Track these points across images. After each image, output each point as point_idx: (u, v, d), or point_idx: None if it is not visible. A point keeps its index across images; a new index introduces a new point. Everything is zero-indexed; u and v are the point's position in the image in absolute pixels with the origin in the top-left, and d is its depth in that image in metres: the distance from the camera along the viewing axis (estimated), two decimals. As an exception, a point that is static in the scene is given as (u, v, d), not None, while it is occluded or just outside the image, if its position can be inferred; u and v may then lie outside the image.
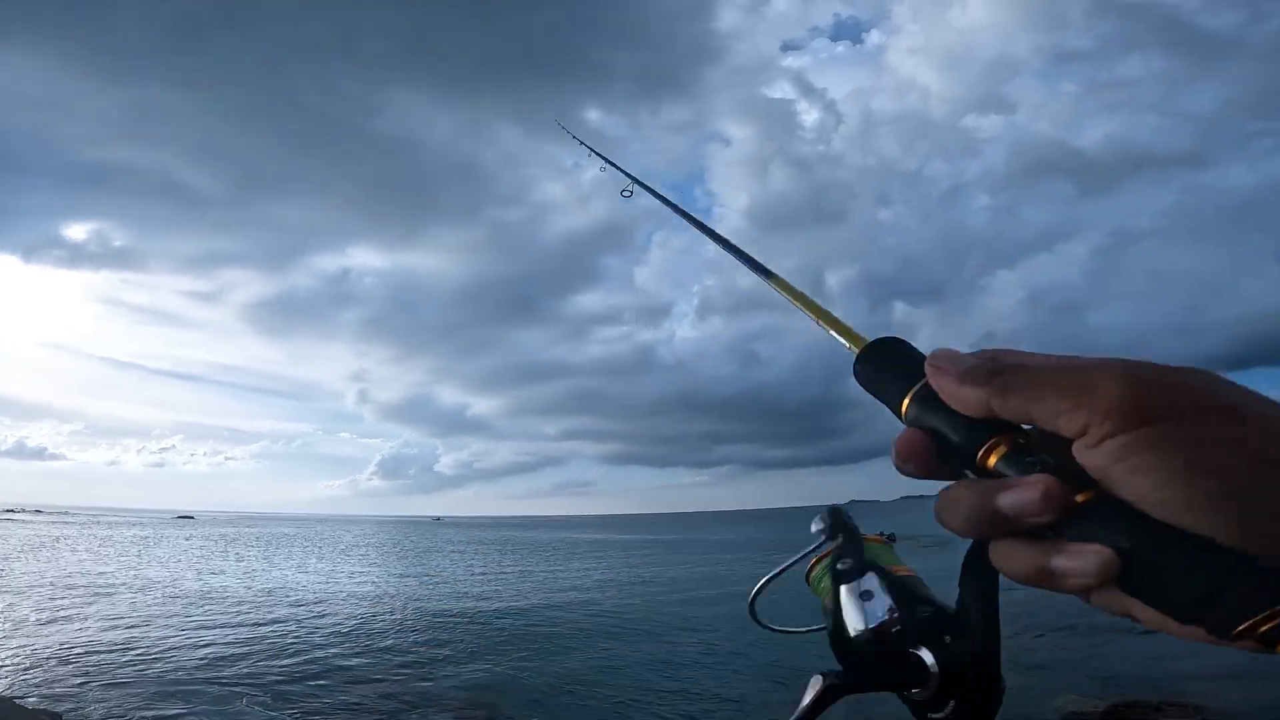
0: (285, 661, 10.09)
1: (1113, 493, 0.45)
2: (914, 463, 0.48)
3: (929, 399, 0.48)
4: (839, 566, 0.60)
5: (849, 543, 0.61)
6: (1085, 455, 0.45)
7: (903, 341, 0.53)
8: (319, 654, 10.59)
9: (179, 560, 29.81)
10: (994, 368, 0.45)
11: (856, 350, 0.54)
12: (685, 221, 1.04)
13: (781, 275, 0.73)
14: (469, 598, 17.80)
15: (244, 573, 24.69)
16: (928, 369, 0.48)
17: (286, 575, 24.23)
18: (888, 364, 0.52)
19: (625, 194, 1.54)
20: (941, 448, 0.47)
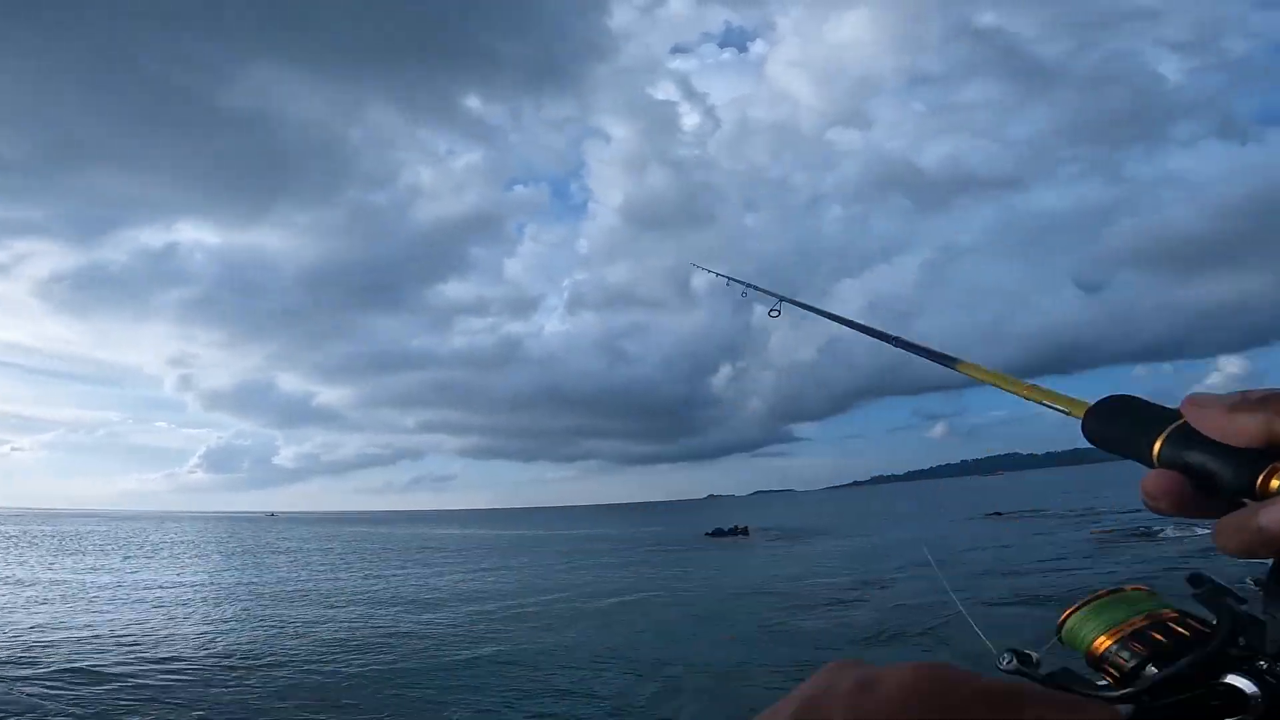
0: (54, 667, 8.63)
1: None
2: (1168, 499, 0.52)
3: (1188, 437, 0.52)
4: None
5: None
6: None
7: (1131, 396, 0.56)
8: (91, 661, 9.04)
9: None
10: (1262, 394, 0.49)
11: (1080, 414, 0.57)
12: (848, 328, 1.14)
13: (968, 360, 0.76)
14: (273, 603, 16.17)
15: (9, 579, 20.83)
16: (1187, 408, 0.51)
17: (70, 578, 20.71)
18: (1126, 416, 0.55)
19: (773, 314, 1.64)
20: (1204, 483, 0.51)
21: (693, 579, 18.03)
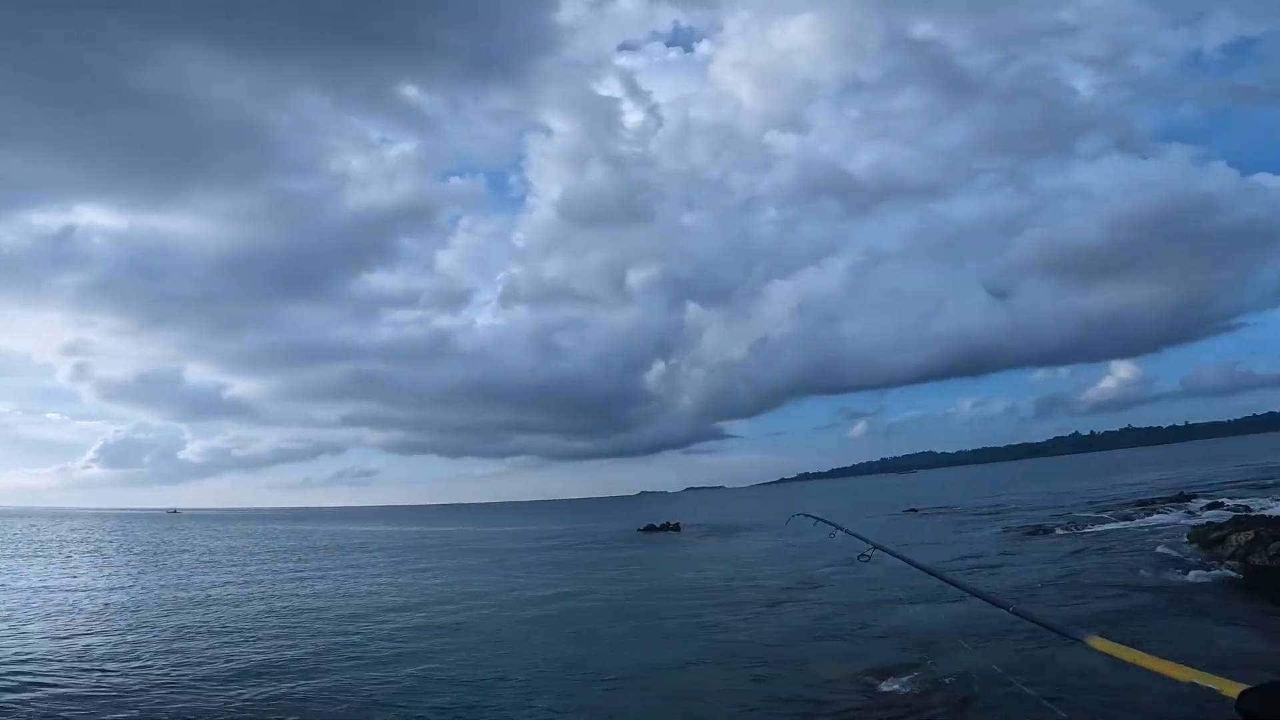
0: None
1: None
2: None
3: None
4: None
5: None
6: None
7: None
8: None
9: None
10: None
11: (1233, 693, 0.64)
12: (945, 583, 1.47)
13: (1099, 637, 0.80)
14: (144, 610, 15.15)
15: None
16: None
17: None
18: None
19: (863, 559, 1.67)
20: None
21: (627, 577, 17.94)
